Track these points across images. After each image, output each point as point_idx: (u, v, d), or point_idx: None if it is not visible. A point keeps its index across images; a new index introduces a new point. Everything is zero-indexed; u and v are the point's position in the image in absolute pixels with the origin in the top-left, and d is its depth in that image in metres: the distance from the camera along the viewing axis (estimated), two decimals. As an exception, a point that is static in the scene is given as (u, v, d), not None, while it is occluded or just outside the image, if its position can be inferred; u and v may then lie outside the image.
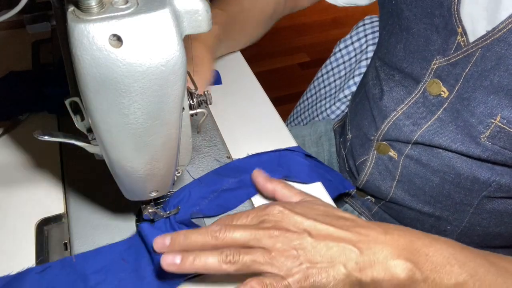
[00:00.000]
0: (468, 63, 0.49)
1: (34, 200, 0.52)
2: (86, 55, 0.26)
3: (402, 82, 0.57)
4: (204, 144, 0.59)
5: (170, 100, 0.30)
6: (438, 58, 0.52)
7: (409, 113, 0.56)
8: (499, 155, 0.49)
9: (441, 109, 0.53)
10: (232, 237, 0.39)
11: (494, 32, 0.45)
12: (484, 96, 0.48)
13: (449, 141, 0.52)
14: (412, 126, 0.56)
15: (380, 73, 0.62)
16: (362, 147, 0.65)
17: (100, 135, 0.32)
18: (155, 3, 0.27)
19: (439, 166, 0.55)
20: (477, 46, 0.47)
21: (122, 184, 0.39)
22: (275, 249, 0.38)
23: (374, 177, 0.64)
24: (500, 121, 0.47)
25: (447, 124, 0.53)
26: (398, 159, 0.59)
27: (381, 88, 0.61)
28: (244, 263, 0.38)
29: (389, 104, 0.59)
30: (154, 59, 0.27)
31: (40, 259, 0.46)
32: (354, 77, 0.83)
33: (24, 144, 0.59)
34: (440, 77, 0.52)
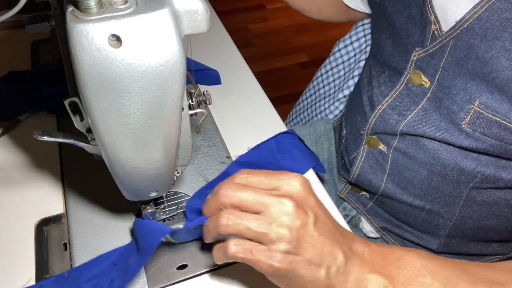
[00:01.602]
0: (444, 53, 0.50)
1: (33, 201, 0.52)
2: (86, 55, 0.26)
3: (390, 77, 0.59)
4: (204, 144, 0.59)
5: (170, 100, 0.30)
6: (417, 50, 0.53)
7: (394, 105, 0.58)
8: (480, 142, 0.50)
9: (425, 99, 0.54)
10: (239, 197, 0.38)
11: (462, 23, 0.47)
12: (464, 83, 0.49)
13: (433, 129, 0.54)
14: (397, 117, 0.57)
15: (372, 71, 0.63)
16: (355, 143, 0.66)
17: (99, 135, 0.32)
18: (154, 3, 0.27)
19: (425, 158, 0.56)
20: (449, 37, 0.49)
21: (121, 184, 0.39)
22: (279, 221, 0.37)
23: (365, 171, 0.64)
24: (478, 106, 0.48)
25: (431, 113, 0.54)
26: (388, 152, 0.60)
27: (371, 85, 0.63)
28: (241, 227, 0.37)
29: (377, 98, 0.61)
30: (154, 59, 0.27)
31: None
32: (353, 77, 0.84)
33: (23, 144, 0.59)
34: (421, 68, 0.54)
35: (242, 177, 0.40)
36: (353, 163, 0.66)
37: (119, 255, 0.46)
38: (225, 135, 0.61)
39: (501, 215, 0.56)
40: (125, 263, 0.45)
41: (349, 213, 0.73)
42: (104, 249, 0.47)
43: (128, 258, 0.45)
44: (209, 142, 0.60)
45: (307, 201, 0.38)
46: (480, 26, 0.45)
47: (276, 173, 0.40)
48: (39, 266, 0.46)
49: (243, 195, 0.38)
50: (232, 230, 0.37)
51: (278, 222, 0.36)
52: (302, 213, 0.37)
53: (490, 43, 0.45)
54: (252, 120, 0.64)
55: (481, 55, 0.46)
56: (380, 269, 0.39)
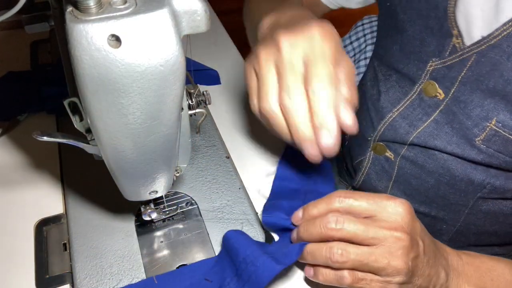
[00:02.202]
0: (463, 66, 0.49)
1: (33, 201, 0.52)
2: (85, 55, 0.26)
3: (399, 82, 0.57)
4: (203, 144, 0.59)
5: (169, 100, 0.30)
6: (434, 60, 0.52)
7: (405, 114, 0.56)
8: (493, 159, 0.49)
9: (437, 111, 0.53)
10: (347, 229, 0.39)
11: (489, 39, 0.45)
12: (481, 100, 0.48)
13: (445, 143, 0.52)
14: (408, 127, 0.56)
15: (378, 73, 0.62)
16: (360, 147, 0.65)
17: (99, 136, 0.32)
18: (154, 3, 0.27)
19: (434, 168, 0.55)
20: (472, 51, 0.47)
21: (121, 184, 0.39)
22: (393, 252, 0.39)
23: (370, 177, 0.64)
24: (495, 125, 0.47)
25: (442, 126, 0.53)
26: (395, 160, 0.59)
27: (378, 89, 0.61)
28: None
29: (385, 104, 0.59)
30: (153, 59, 0.27)
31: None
32: (353, 77, 0.83)
33: (23, 144, 0.59)
34: (436, 79, 0.52)
35: (341, 200, 0.41)
36: (358, 169, 0.65)
37: (211, 269, 0.45)
38: (224, 135, 0.61)
39: (505, 222, 0.56)
40: (218, 280, 0.43)
41: None
42: (104, 249, 0.47)
43: (222, 274, 0.43)
44: (209, 142, 0.60)
45: (415, 229, 0.40)
46: (508, 44, 0.44)
47: (376, 196, 0.41)
48: (38, 266, 0.46)
49: (355, 229, 0.39)
50: (349, 265, 0.39)
51: (395, 256, 0.38)
52: (415, 245, 0.39)
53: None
54: (252, 120, 0.64)
55: (506, 73, 0.45)
56: (475, 281, 0.43)
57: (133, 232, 0.49)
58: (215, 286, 0.43)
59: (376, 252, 0.38)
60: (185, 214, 0.51)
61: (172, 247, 0.48)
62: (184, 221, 0.51)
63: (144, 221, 0.48)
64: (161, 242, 0.49)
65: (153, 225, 0.50)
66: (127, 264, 0.46)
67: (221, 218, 0.50)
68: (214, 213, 0.51)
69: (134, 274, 0.45)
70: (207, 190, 0.53)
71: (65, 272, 0.46)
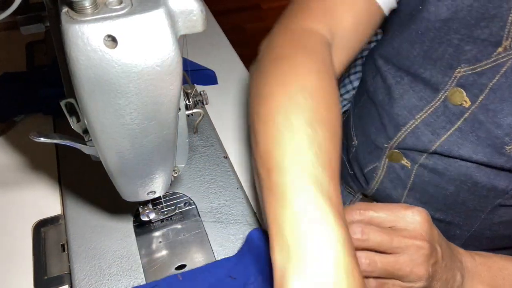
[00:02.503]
0: (496, 73, 0.47)
1: (30, 202, 0.52)
2: (81, 56, 0.26)
3: (413, 87, 0.55)
4: (201, 144, 0.59)
5: (166, 101, 0.30)
6: (463, 66, 0.49)
7: (428, 121, 0.54)
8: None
9: (462, 119, 0.51)
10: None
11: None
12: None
13: (470, 152, 0.51)
14: (431, 135, 0.54)
15: (386, 74, 0.58)
16: (370, 154, 0.63)
17: (96, 136, 0.31)
18: (150, 3, 0.27)
19: (455, 175, 0.54)
20: (508, 56, 0.45)
21: (119, 185, 0.39)
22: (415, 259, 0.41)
23: (385, 186, 0.62)
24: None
25: (467, 135, 0.51)
26: (411, 168, 0.58)
27: (389, 95, 0.58)
28: None
29: (401, 112, 0.56)
30: (150, 60, 0.27)
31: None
32: (349, 76, 0.83)
33: (19, 146, 0.59)
34: (464, 86, 0.50)
35: (361, 213, 0.42)
36: (371, 177, 0.63)
37: (233, 266, 0.45)
38: (222, 135, 0.61)
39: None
40: (242, 277, 0.44)
41: None
42: (102, 250, 0.47)
43: (245, 271, 0.44)
44: (206, 142, 0.60)
45: (433, 236, 0.42)
46: None
47: (394, 207, 0.42)
48: (37, 267, 0.46)
49: (380, 239, 0.40)
50: (376, 274, 0.40)
51: (416, 263, 0.40)
52: (434, 251, 0.41)
53: None
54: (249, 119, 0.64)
55: None
56: (488, 281, 0.44)
57: (132, 232, 0.49)
58: (240, 283, 0.44)
59: (400, 261, 0.40)
60: (183, 214, 0.51)
61: (171, 247, 0.48)
62: (182, 221, 0.51)
63: (143, 221, 0.48)
64: (160, 243, 0.49)
65: (151, 225, 0.50)
66: (125, 264, 0.46)
67: (220, 218, 0.50)
68: (212, 213, 0.51)
69: (133, 275, 0.45)
70: (205, 190, 0.53)
71: (64, 273, 0.45)
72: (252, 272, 0.44)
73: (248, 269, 0.45)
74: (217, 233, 0.49)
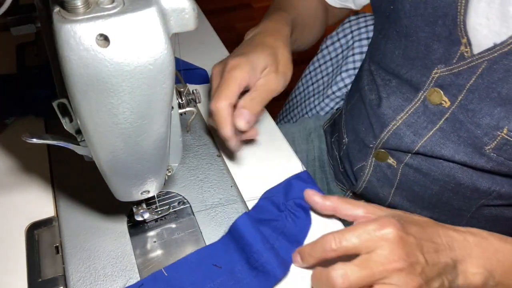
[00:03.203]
0: (472, 74, 0.48)
1: (23, 204, 0.52)
2: (73, 55, 0.26)
3: (400, 88, 0.56)
4: (194, 143, 0.59)
5: (159, 99, 0.30)
6: (440, 67, 0.50)
7: (409, 122, 0.55)
8: (503, 166, 0.49)
9: (443, 119, 0.52)
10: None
11: (503, 46, 0.44)
12: (491, 108, 0.47)
13: (452, 152, 0.52)
14: (413, 136, 0.55)
15: (376, 78, 0.60)
16: (360, 153, 0.64)
17: (89, 136, 0.31)
18: (141, 2, 0.27)
19: (439, 176, 0.55)
20: (483, 58, 0.46)
21: (112, 185, 0.39)
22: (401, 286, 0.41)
23: (372, 184, 0.63)
24: (507, 134, 0.47)
25: (449, 135, 0.52)
26: (397, 167, 0.59)
27: (378, 95, 0.59)
28: None
29: (387, 111, 0.57)
30: (142, 58, 0.27)
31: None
32: (341, 73, 0.84)
33: (11, 148, 0.59)
34: (442, 87, 0.51)
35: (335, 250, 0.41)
36: (359, 175, 0.64)
37: (216, 254, 0.45)
38: (215, 133, 0.61)
39: (506, 224, 0.57)
40: (227, 264, 0.44)
41: None
42: (97, 251, 0.47)
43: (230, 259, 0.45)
44: (200, 141, 0.60)
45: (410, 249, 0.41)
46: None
47: (362, 228, 0.41)
48: (31, 270, 0.46)
49: (362, 278, 0.40)
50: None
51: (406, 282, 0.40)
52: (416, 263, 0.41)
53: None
54: (242, 118, 0.64)
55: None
56: (482, 263, 0.44)
57: (126, 233, 0.49)
58: (225, 271, 0.44)
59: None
60: (178, 213, 0.51)
61: (165, 246, 0.48)
62: (176, 220, 0.51)
63: (137, 221, 0.48)
64: (154, 242, 0.49)
65: (145, 225, 0.50)
66: (120, 265, 0.46)
67: (214, 217, 0.51)
68: (206, 211, 0.51)
69: (128, 275, 0.45)
70: (199, 189, 0.54)
71: (58, 275, 0.45)
72: (236, 259, 0.45)
73: (233, 257, 0.45)
74: (212, 231, 0.49)
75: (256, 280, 0.44)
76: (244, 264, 0.45)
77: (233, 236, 0.47)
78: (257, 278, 0.44)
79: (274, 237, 0.47)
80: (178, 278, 0.44)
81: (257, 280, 0.44)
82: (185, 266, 0.45)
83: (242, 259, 0.45)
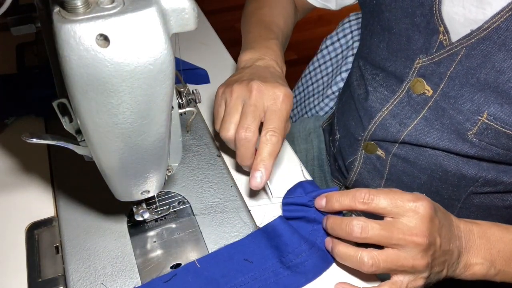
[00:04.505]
0: (452, 61, 0.49)
1: (23, 204, 0.52)
2: (73, 55, 0.26)
3: (386, 81, 0.58)
4: (194, 143, 0.59)
5: (159, 99, 0.30)
6: (421, 57, 0.52)
7: (394, 112, 0.57)
8: (486, 151, 0.50)
9: (426, 108, 0.53)
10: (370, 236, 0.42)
11: (479, 31, 0.46)
12: (471, 94, 0.48)
13: (436, 139, 0.53)
14: (399, 125, 0.56)
15: (364, 73, 0.62)
16: (351, 147, 0.65)
17: (89, 136, 0.31)
18: (142, 2, 0.27)
19: (426, 164, 0.56)
20: (462, 45, 0.48)
21: (112, 185, 0.39)
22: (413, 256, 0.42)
23: (363, 176, 0.64)
24: (487, 118, 0.48)
25: (432, 123, 0.53)
26: (386, 158, 0.60)
27: (365, 88, 0.61)
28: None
29: (374, 104, 0.59)
30: (142, 58, 0.27)
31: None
32: (341, 73, 0.84)
33: (11, 148, 0.59)
34: (424, 76, 0.52)
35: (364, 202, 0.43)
36: (350, 168, 0.65)
37: (247, 249, 0.47)
38: (215, 134, 0.61)
39: (498, 214, 0.57)
40: (258, 261, 0.45)
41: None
42: (97, 251, 0.47)
43: (262, 255, 0.46)
44: (200, 141, 0.60)
45: (433, 229, 0.42)
46: (499, 35, 0.45)
47: (398, 197, 0.43)
48: (31, 270, 0.46)
49: (379, 237, 0.42)
50: (381, 271, 0.43)
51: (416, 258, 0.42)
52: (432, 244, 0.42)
53: (510, 53, 0.45)
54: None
55: (498, 64, 0.46)
56: (483, 254, 0.46)
57: (126, 233, 0.49)
58: (256, 267, 0.45)
59: (400, 258, 0.41)
60: (178, 213, 0.51)
61: (166, 246, 0.48)
62: (176, 220, 0.51)
63: (137, 221, 0.48)
64: (154, 242, 0.49)
65: (145, 225, 0.50)
66: (120, 265, 0.46)
67: (214, 217, 0.51)
68: (206, 211, 0.51)
69: (128, 275, 0.45)
70: (199, 189, 0.54)
71: (58, 275, 0.45)
72: (270, 256, 0.46)
73: (265, 254, 0.46)
74: (212, 231, 0.49)
75: (288, 278, 0.44)
76: (277, 262, 0.45)
77: (266, 233, 0.47)
78: (290, 277, 0.44)
79: (314, 232, 0.48)
80: (210, 270, 0.45)
81: (289, 278, 0.44)
82: (217, 259, 0.46)
83: (275, 257, 0.46)
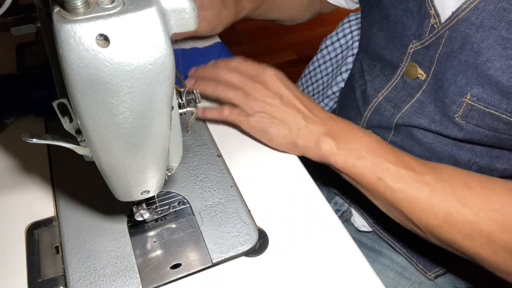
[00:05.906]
0: (439, 44, 0.50)
1: (23, 204, 0.52)
2: (73, 55, 0.26)
3: (383, 71, 0.59)
4: (194, 143, 0.59)
5: (159, 99, 0.30)
6: (414, 42, 0.53)
7: (389, 97, 0.58)
8: (474, 134, 0.51)
9: (420, 91, 0.54)
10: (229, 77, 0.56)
11: (458, 13, 0.47)
12: (454, 76, 0.49)
13: (428, 121, 0.54)
14: (393, 109, 0.58)
15: (363, 65, 0.63)
16: None
17: (89, 136, 0.31)
18: (142, 2, 0.27)
19: (420, 151, 0.57)
20: (445, 28, 0.49)
21: (112, 185, 0.39)
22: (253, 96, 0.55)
23: None
24: (470, 99, 0.49)
25: (426, 105, 0.54)
26: None
27: (364, 79, 0.63)
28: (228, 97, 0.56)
29: (371, 92, 0.61)
30: (142, 58, 0.27)
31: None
32: (341, 74, 0.84)
33: (11, 148, 0.59)
34: (417, 61, 0.54)
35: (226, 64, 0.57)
36: None
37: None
38: (215, 134, 0.61)
39: None
40: None
41: (340, 208, 0.73)
42: (97, 251, 0.47)
43: None
44: (200, 141, 0.60)
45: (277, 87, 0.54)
46: (476, 16, 0.46)
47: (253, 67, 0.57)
48: (31, 270, 0.46)
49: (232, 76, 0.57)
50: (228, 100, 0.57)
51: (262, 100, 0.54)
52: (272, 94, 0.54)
53: (487, 33, 0.45)
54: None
55: (476, 45, 0.46)
56: (333, 135, 0.51)
57: (126, 233, 0.49)
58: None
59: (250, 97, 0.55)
60: (178, 213, 0.51)
61: (166, 246, 0.48)
62: (176, 220, 0.51)
63: (137, 221, 0.48)
64: (154, 242, 0.49)
65: (145, 225, 0.50)
66: (120, 265, 0.46)
67: (214, 217, 0.51)
68: (206, 211, 0.51)
69: (128, 275, 0.45)
70: (199, 189, 0.54)
71: (58, 275, 0.45)
72: None
73: None
74: (212, 231, 0.49)
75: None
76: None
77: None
78: None
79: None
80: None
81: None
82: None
83: None
